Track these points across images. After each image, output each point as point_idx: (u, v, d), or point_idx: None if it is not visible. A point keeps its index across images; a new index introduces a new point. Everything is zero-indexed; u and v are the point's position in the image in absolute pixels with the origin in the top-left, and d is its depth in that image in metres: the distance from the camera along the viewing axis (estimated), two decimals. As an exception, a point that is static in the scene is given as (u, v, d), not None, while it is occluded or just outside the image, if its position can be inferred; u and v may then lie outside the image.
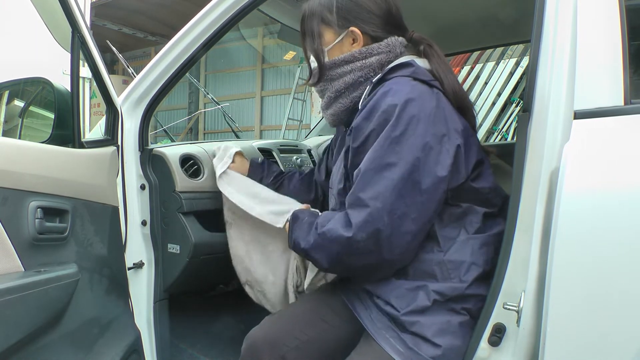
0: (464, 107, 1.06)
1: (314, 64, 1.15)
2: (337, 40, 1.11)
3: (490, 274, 0.96)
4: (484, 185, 1.03)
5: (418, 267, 1.00)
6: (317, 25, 1.12)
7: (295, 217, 1.13)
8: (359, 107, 1.06)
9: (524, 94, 1.26)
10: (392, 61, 1.08)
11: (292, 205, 1.23)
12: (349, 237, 0.96)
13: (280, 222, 1.18)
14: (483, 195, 1.03)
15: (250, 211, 1.23)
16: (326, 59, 1.12)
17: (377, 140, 0.97)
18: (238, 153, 1.41)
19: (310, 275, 1.24)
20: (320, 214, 1.13)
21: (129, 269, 1.36)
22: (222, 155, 1.39)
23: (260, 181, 1.39)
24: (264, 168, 1.43)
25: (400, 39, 1.11)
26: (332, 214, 1.05)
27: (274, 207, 1.22)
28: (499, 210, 1.05)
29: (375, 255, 0.97)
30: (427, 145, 0.95)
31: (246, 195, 1.28)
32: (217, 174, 1.34)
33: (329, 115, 1.16)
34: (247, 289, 1.35)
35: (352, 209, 0.98)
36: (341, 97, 1.11)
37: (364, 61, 1.08)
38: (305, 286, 1.25)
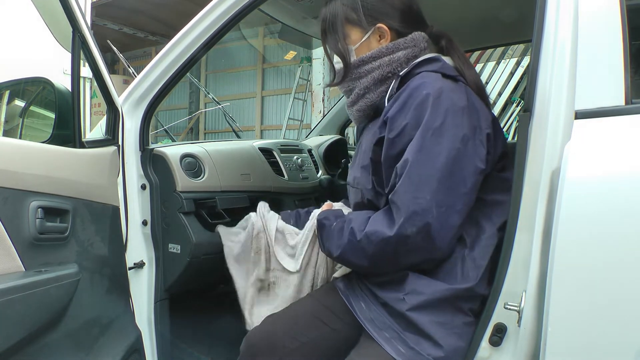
0: (485, 102, 1.07)
1: (338, 64, 1.15)
2: (364, 38, 1.12)
3: None
4: (510, 176, 1.03)
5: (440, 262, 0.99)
6: (341, 26, 1.13)
7: (321, 225, 1.12)
8: (386, 101, 1.06)
9: (524, 94, 1.26)
10: (417, 56, 1.09)
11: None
12: (397, 234, 0.94)
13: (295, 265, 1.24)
14: (509, 184, 1.02)
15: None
16: (353, 58, 1.12)
17: (418, 132, 0.96)
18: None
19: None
20: (344, 212, 1.13)
21: (130, 268, 1.36)
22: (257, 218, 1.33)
23: (297, 223, 1.35)
24: (296, 214, 1.39)
25: (423, 34, 1.13)
26: (365, 214, 1.04)
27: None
28: None
29: (424, 251, 0.96)
30: (465, 136, 0.95)
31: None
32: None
33: (355, 111, 1.15)
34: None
35: (397, 203, 0.96)
36: (369, 93, 1.11)
37: (391, 56, 1.09)
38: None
